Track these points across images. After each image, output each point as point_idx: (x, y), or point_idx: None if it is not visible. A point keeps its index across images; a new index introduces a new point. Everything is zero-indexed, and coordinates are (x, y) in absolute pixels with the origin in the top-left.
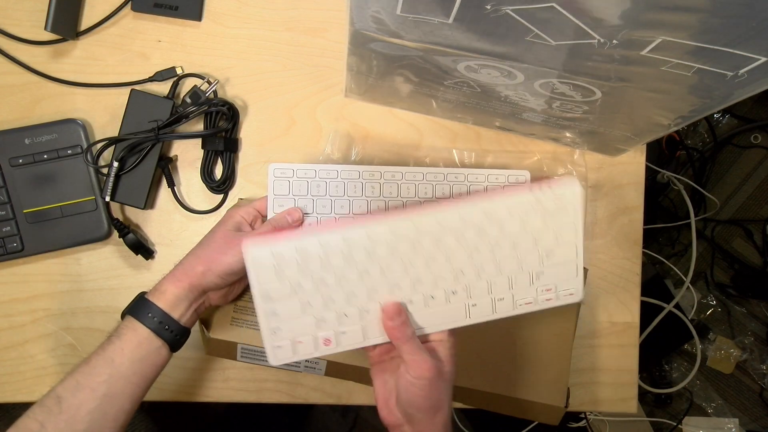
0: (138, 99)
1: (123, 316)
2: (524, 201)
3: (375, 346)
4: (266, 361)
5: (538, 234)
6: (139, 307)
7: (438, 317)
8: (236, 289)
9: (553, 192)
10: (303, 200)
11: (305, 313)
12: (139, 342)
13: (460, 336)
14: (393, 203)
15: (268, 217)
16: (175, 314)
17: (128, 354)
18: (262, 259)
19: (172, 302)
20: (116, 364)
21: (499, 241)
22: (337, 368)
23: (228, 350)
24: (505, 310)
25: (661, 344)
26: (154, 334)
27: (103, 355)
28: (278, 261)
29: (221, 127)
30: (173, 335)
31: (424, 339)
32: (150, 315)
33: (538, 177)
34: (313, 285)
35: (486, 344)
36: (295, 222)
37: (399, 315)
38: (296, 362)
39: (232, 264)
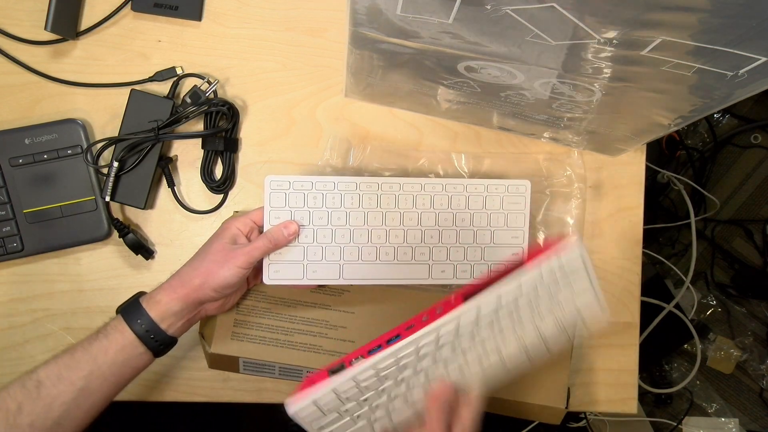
0: (138, 99)
1: (117, 311)
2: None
3: None
4: (269, 373)
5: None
6: (131, 311)
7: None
8: (232, 299)
9: (560, 260)
10: (300, 212)
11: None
12: (124, 346)
13: None
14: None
15: (265, 229)
16: (164, 324)
17: (111, 355)
18: (307, 411)
19: (163, 313)
20: (98, 363)
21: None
22: None
23: (230, 364)
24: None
25: (661, 344)
26: (139, 340)
27: (88, 351)
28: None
29: (221, 127)
30: (158, 345)
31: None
32: (139, 322)
33: (537, 178)
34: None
35: None
36: (291, 235)
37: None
38: (298, 369)
39: (228, 278)
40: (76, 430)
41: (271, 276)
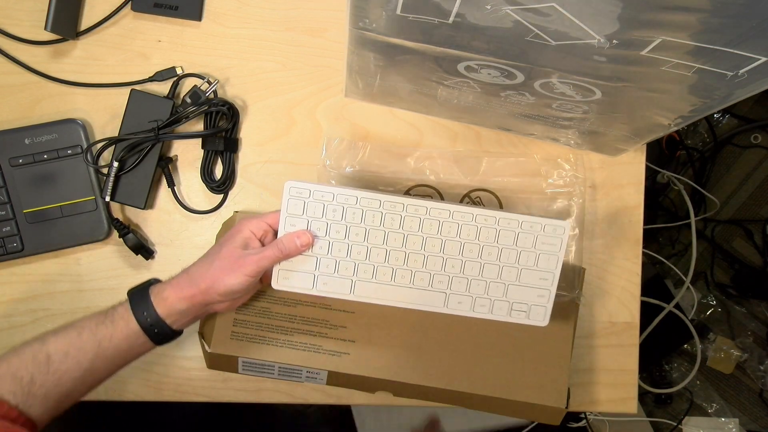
0: (138, 99)
1: (128, 294)
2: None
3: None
4: (268, 373)
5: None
6: (139, 300)
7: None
8: (242, 299)
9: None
10: (317, 222)
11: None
12: (128, 335)
13: (461, 339)
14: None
15: (279, 235)
16: (170, 320)
17: (116, 342)
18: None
19: (169, 310)
20: (103, 347)
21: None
22: (338, 378)
23: (229, 364)
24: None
25: (661, 344)
26: (143, 331)
27: (94, 335)
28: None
29: (221, 127)
30: (161, 337)
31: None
32: (145, 314)
33: (537, 178)
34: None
35: (485, 347)
36: (304, 246)
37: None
38: (298, 369)
39: (235, 285)
40: (80, 399)
41: (280, 282)
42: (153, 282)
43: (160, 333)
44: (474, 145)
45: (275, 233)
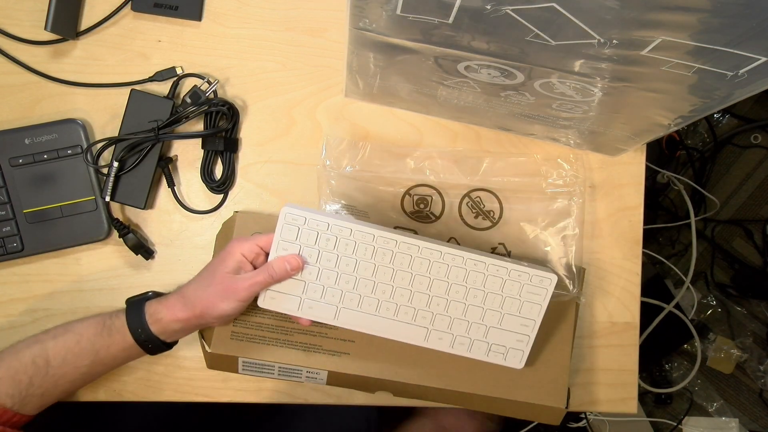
0: (138, 99)
1: (126, 305)
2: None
3: None
4: (268, 373)
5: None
6: (135, 317)
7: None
8: (235, 316)
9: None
10: (309, 250)
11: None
12: (124, 348)
13: None
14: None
15: (270, 257)
16: (164, 337)
17: (113, 352)
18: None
19: (164, 329)
20: (100, 356)
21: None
22: (338, 378)
23: (229, 364)
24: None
25: (661, 344)
26: (138, 345)
27: (92, 345)
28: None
29: (221, 127)
30: (155, 350)
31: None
32: (140, 331)
33: (537, 178)
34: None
35: None
36: (293, 271)
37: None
38: (298, 369)
39: (228, 310)
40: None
41: (266, 302)
42: (150, 296)
43: (154, 347)
44: (474, 145)
45: (267, 255)
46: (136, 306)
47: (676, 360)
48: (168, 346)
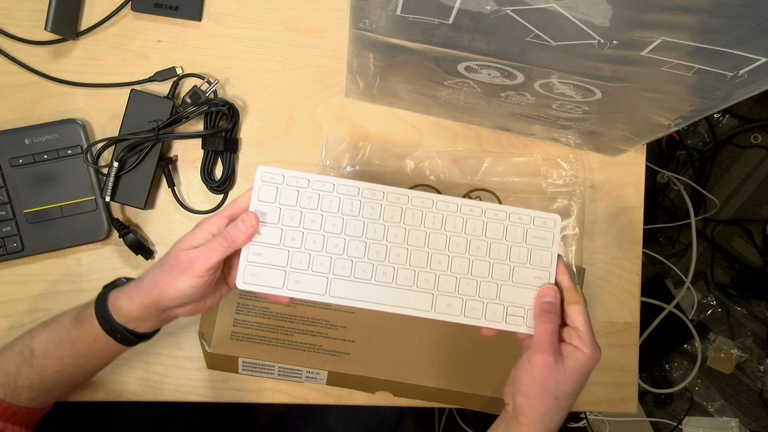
0: (138, 99)
1: (100, 291)
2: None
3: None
4: (268, 373)
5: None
6: (101, 306)
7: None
8: (209, 301)
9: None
10: (290, 211)
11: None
12: (96, 338)
13: (461, 339)
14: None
15: None
16: (131, 326)
17: (88, 342)
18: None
19: (125, 318)
20: (77, 347)
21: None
22: (338, 378)
23: (229, 364)
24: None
25: (661, 344)
26: (108, 336)
27: (69, 335)
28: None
29: (221, 127)
30: (126, 341)
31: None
32: (104, 320)
33: (537, 178)
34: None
35: (485, 348)
36: (250, 228)
37: (556, 300)
38: (298, 369)
39: (185, 289)
40: (72, 389)
41: (246, 279)
42: (122, 283)
43: (123, 338)
44: (474, 145)
45: None
46: (102, 294)
47: (676, 360)
48: (140, 337)
